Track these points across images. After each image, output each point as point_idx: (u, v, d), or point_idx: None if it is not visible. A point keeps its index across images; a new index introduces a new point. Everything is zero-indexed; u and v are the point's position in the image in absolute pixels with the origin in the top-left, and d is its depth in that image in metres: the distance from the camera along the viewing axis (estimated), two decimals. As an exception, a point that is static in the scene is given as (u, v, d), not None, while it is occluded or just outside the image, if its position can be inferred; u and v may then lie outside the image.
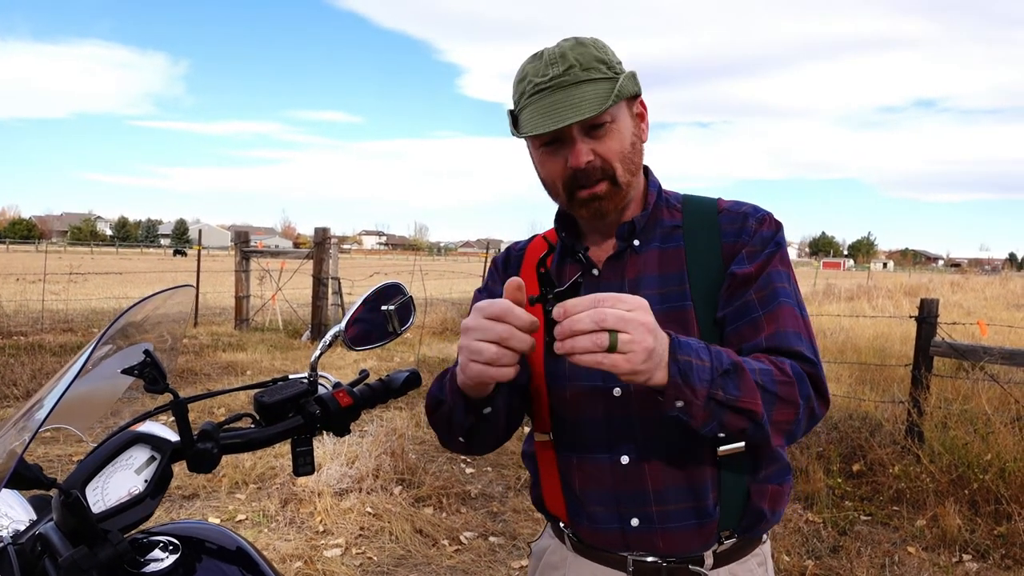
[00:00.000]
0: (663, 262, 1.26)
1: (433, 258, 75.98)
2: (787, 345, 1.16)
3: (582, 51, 1.19)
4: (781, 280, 1.22)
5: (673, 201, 1.32)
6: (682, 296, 1.23)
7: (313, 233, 10.79)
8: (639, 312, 0.96)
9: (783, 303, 1.20)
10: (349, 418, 1.31)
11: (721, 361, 1.05)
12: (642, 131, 1.27)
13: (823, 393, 1.16)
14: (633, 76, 1.23)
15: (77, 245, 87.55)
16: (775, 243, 1.25)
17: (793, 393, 1.10)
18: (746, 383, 1.06)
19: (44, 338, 9.18)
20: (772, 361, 1.13)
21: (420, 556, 3.82)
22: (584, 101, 1.16)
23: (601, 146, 1.20)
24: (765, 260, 1.23)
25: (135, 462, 1.11)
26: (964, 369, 6.44)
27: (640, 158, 1.27)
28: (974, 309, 14.37)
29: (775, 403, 1.09)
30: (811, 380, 1.14)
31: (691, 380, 1.01)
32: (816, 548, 4.04)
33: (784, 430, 1.13)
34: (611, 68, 1.20)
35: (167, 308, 1.29)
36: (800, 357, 1.15)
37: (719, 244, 1.25)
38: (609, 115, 1.19)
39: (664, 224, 1.29)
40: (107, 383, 1.26)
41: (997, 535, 4.06)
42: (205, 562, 1.17)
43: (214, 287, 15.03)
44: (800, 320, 1.20)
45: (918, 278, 33.16)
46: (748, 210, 1.28)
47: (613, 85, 1.18)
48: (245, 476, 4.67)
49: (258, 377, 7.83)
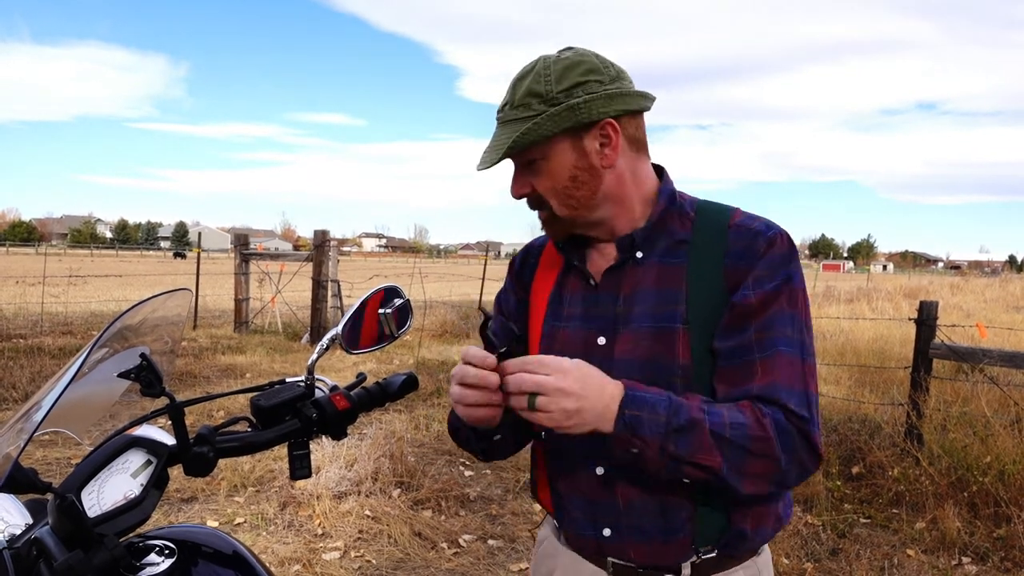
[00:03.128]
0: (662, 277, 1.23)
1: (433, 260, 75.97)
2: (777, 398, 1.13)
3: (523, 85, 1.20)
4: (784, 324, 1.17)
5: (688, 208, 1.27)
6: (674, 317, 1.20)
7: (313, 235, 10.79)
8: (557, 377, 1.06)
9: (781, 351, 1.15)
10: (346, 422, 1.31)
11: (678, 417, 1.09)
12: (603, 158, 1.21)
13: (813, 448, 1.14)
14: (579, 106, 1.17)
15: (77, 247, 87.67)
16: (784, 274, 1.18)
17: (770, 448, 1.11)
18: (701, 441, 1.09)
19: (43, 341, 9.18)
20: (754, 412, 1.12)
21: (419, 559, 3.82)
22: (496, 145, 1.21)
23: (536, 180, 1.24)
24: (771, 294, 1.17)
25: (131, 466, 1.11)
26: (963, 371, 6.44)
27: (588, 190, 1.22)
28: (974, 311, 14.37)
29: (746, 457, 1.10)
30: (800, 434, 1.13)
31: (640, 432, 1.08)
32: (815, 551, 4.03)
33: (763, 481, 1.14)
34: (546, 101, 1.18)
35: (164, 311, 1.29)
36: (789, 411, 1.13)
37: (722, 263, 1.20)
38: (537, 152, 1.20)
39: (671, 235, 1.25)
40: (104, 386, 1.26)
41: (996, 538, 4.05)
42: (201, 566, 1.17)
43: (214, 290, 15.03)
44: (799, 369, 1.16)
45: (918, 280, 33.19)
46: (760, 227, 1.21)
47: (527, 125, 1.17)
48: (244, 479, 4.66)
49: (258, 380, 7.82)
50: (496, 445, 1.33)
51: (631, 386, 1.11)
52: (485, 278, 13.31)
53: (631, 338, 1.22)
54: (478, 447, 1.33)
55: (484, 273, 13.33)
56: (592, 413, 1.07)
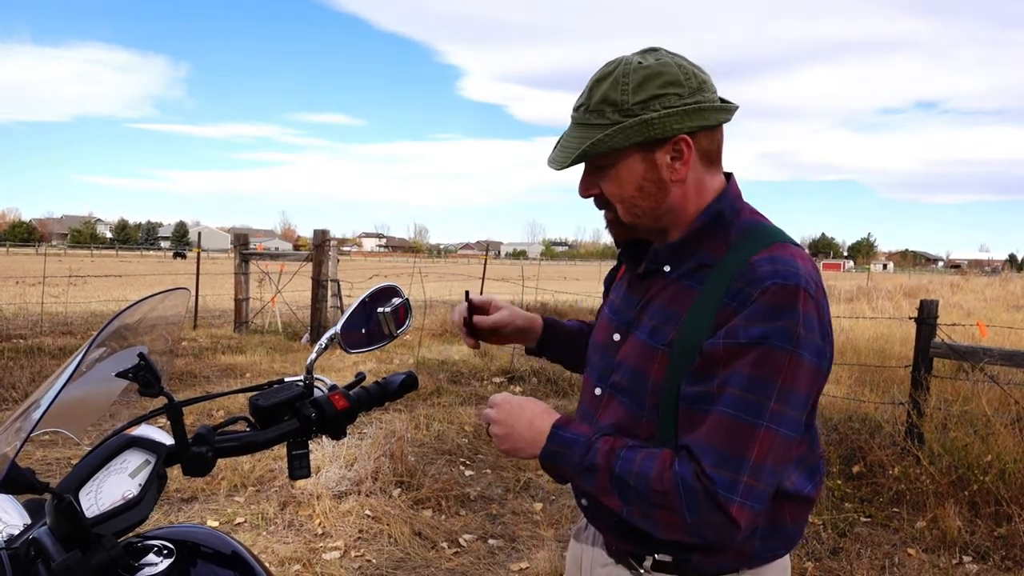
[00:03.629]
0: (675, 297, 1.23)
1: (433, 260, 75.93)
2: (695, 454, 1.11)
3: (600, 88, 1.20)
4: (737, 384, 1.10)
5: (732, 231, 1.22)
6: (663, 338, 1.21)
7: (312, 235, 10.77)
8: (495, 410, 1.29)
9: (719, 411, 1.11)
10: (345, 421, 1.31)
11: (590, 458, 1.19)
12: (673, 172, 1.20)
13: (725, 513, 1.09)
14: (654, 121, 1.16)
15: (77, 248, 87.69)
16: (760, 332, 1.10)
17: (670, 502, 1.11)
18: (602, 483, 1.18)
19: (43, 341, 9.17)
20: (662, 464, 1.13)
21: (419, 559, 3.81)
22: (569, 148, 1.21)
23: (604, 184, 1.25)
24: (736, 349, 1.11)
25: (129, 466, 1.10)
26: (964, 370, 6.43)
27: (654, 201, 1.22)
28: (974, 310, 14.36)
29: (650, 507, 1.14)
30: (706, 496, 1.09)
31: (560, 464, 1.23)
32: (816, 550, 4.03)
33: (677, 532, 1.14)
34: (621, 111, 1.17)
35: (162, 310, 1.29)
36: (701, 470, 1.10)
37: (722, 300, 1.15)
38: (607, 160, 1.21)
39: (700, 257, 1.22)
40: (102, 386, 1.25)
41: (997, 536, 4.05)
42: (200, 566, 1.17)
43: (213, 289, 15.02)
44: (735, 432, 1.10)
45: (918, 279, 33.17)
46: (765, 273, 1.13)
47: (599, 135, 1.17)
48: (244, 479, 4.66)
49: (257, 379, 7.81)
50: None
51: (559, 424, 1.24)
52: (485, 278, 13.30)
53: (634, 344, 1.27)
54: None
55: (484, 273, 13.32)
56: (522, 441, 1.26)
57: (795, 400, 1.12)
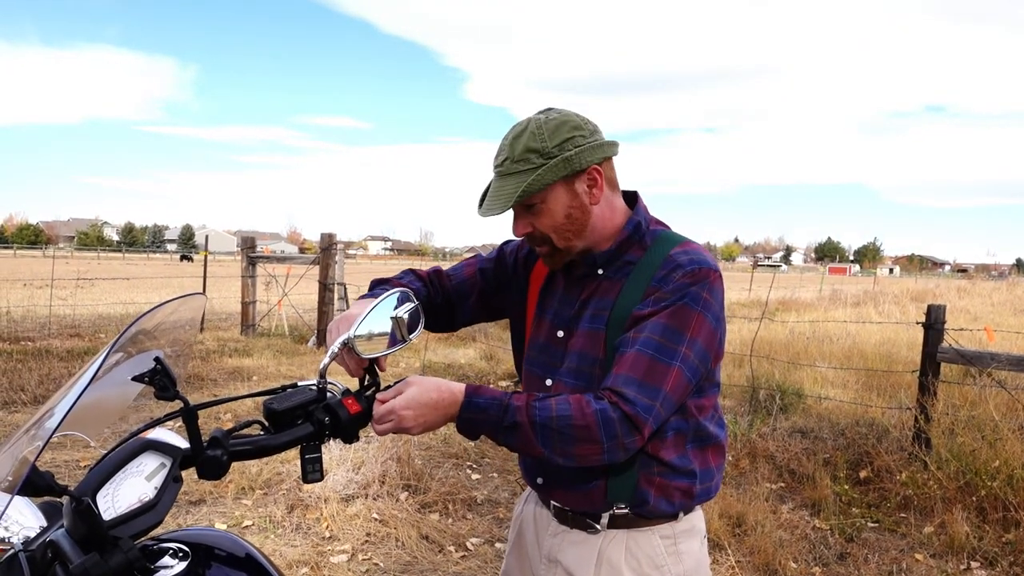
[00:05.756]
0: (607, 290, 1.50)
1: (439, 262, 75.79)
2: (618, 387, 1.34)
3: (520, 142, 1.43)
4: (653, 330, 1.37)
5: (647, 239, 1.52)
6: (601, 320, 1.48)
7: (319, 238, 10.79)
8: (400, 400, 1.33)
9: (638, 351, 1.36)
10: (358, 426, 1.32)
11: (510, 417, 1.33)
12: (591, 197, 1.47)
13: (638, 428, 1.32)
14: (571, 157, 1.41)
15: (84, 250, 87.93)
16: (680, 294, 1.39)
17: (592, 434, 1.31)
18: (525, 437, 1.33)
19: (51, 343, 9.21)
20: (579, 403, 1.33)
21: (426, 562, 3.82)
22: (503, 195, 1.43)
23: (536, 220, 1.48)
24: (659, 309, 1.39)
25: (145, 469, 1.12)
26: (971, 375, 6.41)
27: (580, 224, 1.48)
28: (981, 315, 14.31)
29: (573, 443, 1.32)
30: (624, 419, 1.31)
31: (477, 429, 1.37)
32: (823, 555, 4.02)
33: (590, 460, 1.35)
34: (543, 155, 1.42)
35: (179, 315, 1.30)
36: (623, 397, 1.32)
37: (647, 284, 1.43)
38: (537, 197, 1.44)
39: (626, 258, 1.51)
40: (117, 390, 1.27)
41: (1005, 542, 4.04)
42: (215, 568, 1.18)
43: (220, 292, 15.07)
44: (645, 365, 1.34)
45: (925, 283, 33.07)
46: (684, 260, 1.43)
47: (532, 176, 1.41)
48: (251, 482, 4.67)
49: (264, 382, 7.83)
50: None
51: (471, 392, 1.36)
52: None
53: (579, 334, 1.51)
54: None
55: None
56: (434, 416, 1.35)
57: (698, 351, 1.40)
